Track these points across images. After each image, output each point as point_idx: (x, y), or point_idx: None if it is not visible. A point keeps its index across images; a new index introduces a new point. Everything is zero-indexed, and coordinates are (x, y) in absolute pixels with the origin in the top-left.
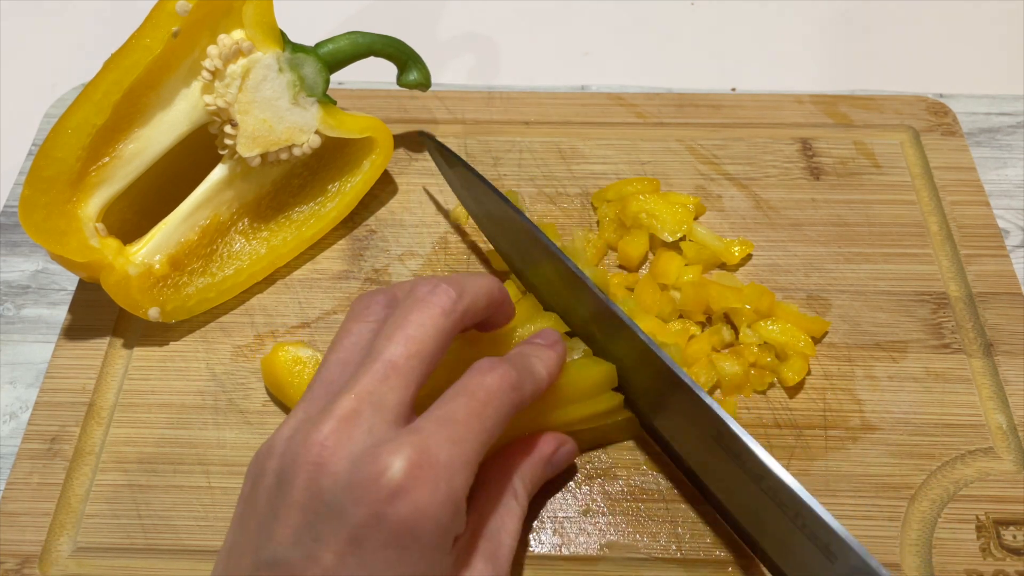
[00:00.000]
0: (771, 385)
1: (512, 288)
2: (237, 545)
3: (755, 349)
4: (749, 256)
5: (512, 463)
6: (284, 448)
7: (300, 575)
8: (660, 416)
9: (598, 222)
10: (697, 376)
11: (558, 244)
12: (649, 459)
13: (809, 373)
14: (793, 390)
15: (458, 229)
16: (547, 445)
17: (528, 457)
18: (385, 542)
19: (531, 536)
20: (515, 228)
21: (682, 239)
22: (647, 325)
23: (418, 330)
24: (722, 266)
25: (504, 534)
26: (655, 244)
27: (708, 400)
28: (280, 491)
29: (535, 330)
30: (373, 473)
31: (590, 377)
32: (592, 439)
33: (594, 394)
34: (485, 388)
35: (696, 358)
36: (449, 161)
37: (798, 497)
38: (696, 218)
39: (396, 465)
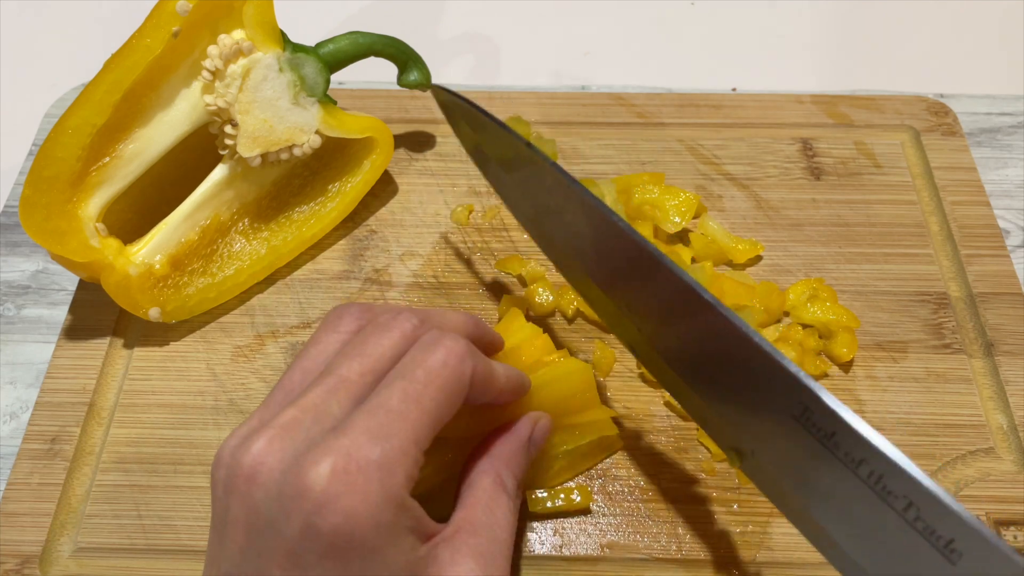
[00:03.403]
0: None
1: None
2: (209, 554)
3: (800, 329)
4: (759, 258)
5: (493, 453)
6: (228, 458)
7: None
8: (716, 398)
9: None
10: None
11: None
12: (650, 459)
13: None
14: (846, 366)
15: (458, 229)
16: (524, 427)
17: (508, 444)
18: (322, 553)
19: (532, 536)
20: (538, 172)
21: (687, 231)
22: None
23: (375, 349)
24: (727, 264)
25: (496, 528)
26: (661, 237)
27: (794, 369)
28: (225, 503)
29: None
30: (299, 484)
31: (570, 375)
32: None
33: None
34: (426, 368)
35: None
36: (464, 111)
37: (916, 482)
38: (697, 216)
39: (320, 473)
